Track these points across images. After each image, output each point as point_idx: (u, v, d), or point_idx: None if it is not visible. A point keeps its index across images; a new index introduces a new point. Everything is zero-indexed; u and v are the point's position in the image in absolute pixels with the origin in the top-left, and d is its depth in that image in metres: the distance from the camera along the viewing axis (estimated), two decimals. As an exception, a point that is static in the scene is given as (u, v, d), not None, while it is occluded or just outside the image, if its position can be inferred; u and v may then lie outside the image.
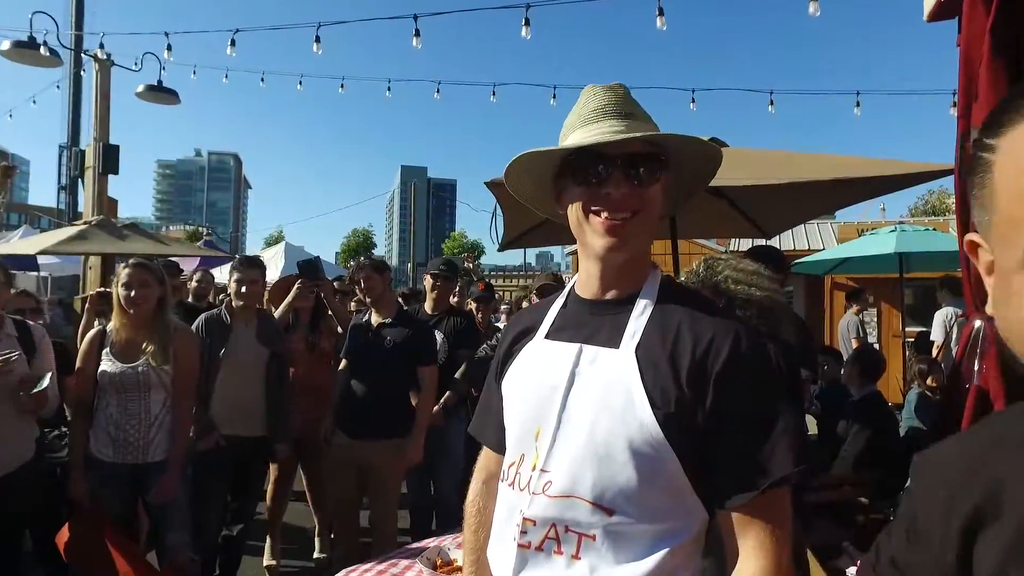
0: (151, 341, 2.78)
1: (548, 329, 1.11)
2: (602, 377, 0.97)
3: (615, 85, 1.07)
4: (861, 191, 3.21)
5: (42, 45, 6.68)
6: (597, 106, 1.04)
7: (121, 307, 2.76)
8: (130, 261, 2.81)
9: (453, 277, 4.22)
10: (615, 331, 1.01)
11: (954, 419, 2.50)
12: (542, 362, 1.07)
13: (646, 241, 1.05)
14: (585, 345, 1.02)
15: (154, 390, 2.78)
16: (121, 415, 2.73)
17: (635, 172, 0.98)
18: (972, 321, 2.53)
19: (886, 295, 9.66)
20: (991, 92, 2.35)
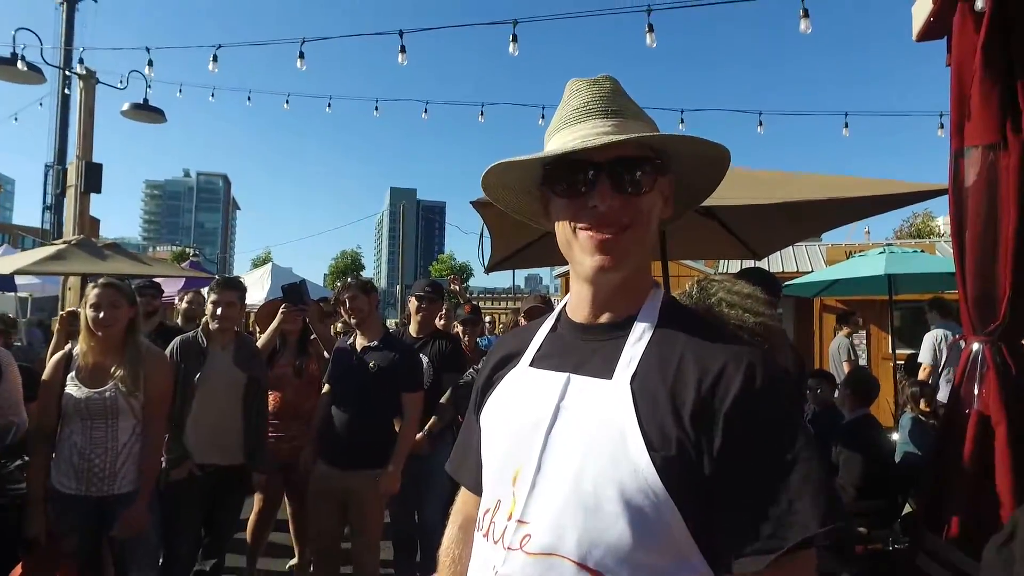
0: (120, 365, 2.64)
1: (533, 356, 0.98)
2: (591, 412, 0.84)
3: (601, 78, 0.94)
4: (854, 211, 3.17)
5: (19, 60, 6.55)
6: (580, 104, 0.91)
7: (89, 329, 2.63)
8: (100, 281, 2.68)
9: (438, 299, 4.13)
10: (608, 359, 0.87)
11: (955, 445, 2.45)
12: (524, 393, 0.94)
13: (642, 257, 0.92)
14: (574, 375, 0.89)
15: (122, 416, 2.64)
16: (86, 444, 2.58)
17: (626, 180, 0.86)
18: (970, 344, 2.49)
19: (874, 317, 9.68)
20: (984, 109, 2.33)
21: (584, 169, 0.86)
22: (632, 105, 0.93)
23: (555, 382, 0.90)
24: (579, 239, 0.88)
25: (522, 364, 0.98)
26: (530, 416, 0.89)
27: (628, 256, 0.88)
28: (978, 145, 2.36)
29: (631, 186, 0.86)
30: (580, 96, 0.92)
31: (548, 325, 1.02)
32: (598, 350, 0.90)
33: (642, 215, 0.88)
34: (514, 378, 0.98)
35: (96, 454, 2.58)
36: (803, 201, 2.71)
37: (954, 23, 2.44)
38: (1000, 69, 2.28)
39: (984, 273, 2.37)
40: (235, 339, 3.42)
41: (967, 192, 2.40)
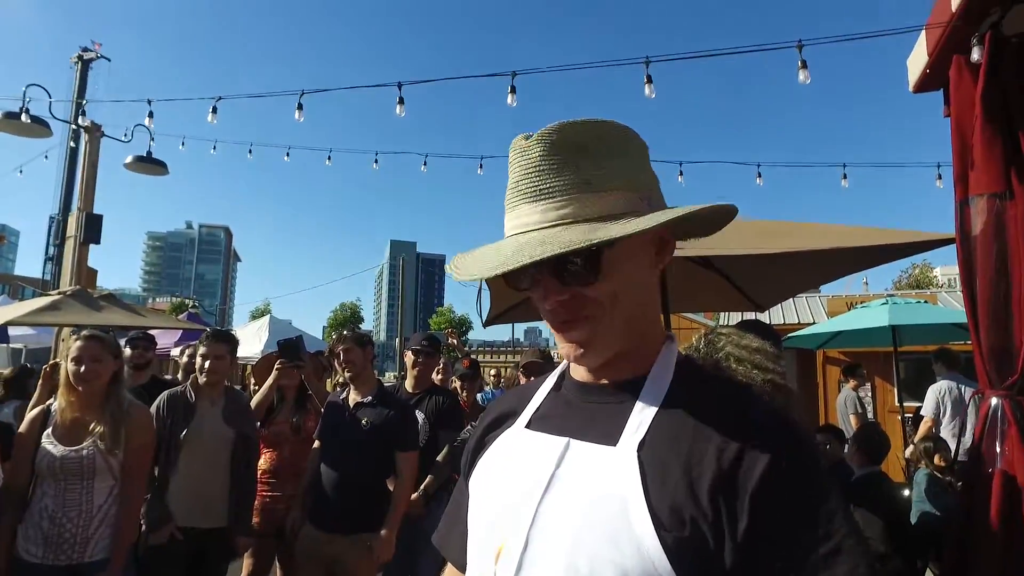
0: (101, 421, 2.51)
1: (531, 416, 0.88)
2: (590, 483, 0.73)
3: (531, 143, 0.77)
4: (860, 261, 3.12)
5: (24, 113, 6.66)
6: (511, 183, 0.79)
7: (69, 384, 2.52)
8: (82, 333, 2.58)
9: (435, 353, 4.03)
10: (614, 424, 0.76)
11: (979, 507, 2.32)
12: (517, 458, 0.83)
13: (625, 332, 0.79)
14: (574, 440, 0.78)
15: (99, 477, 2.50)
16: (58, 507, 2.43)
17: (571, 271, 0.74)
18: (988, 399, 2.39)
19: (879, 369, 9.53)
20: (987, 159, 2.31)
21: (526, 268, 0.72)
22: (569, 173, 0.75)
23: (552, 447, 0.79)
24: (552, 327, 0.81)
25: (518, 425, 0.88)
26: (521, 484, 0.78)
27: (600, 344, 0.78)
28: (983, 194, 2.34)
29: (578, 278, 0.75)
30: (512, 169, 0.79)
31: (550, 383, 0.92)
32: (602, 413, 0.80)
33: (600, 302, 0.76)
34: (507, 440, 0.88)
35: (68, 518, 2.41)
36: (809, 251, 2.66)
37: (951, 75, 2.46)
38: (1001, 119, 2.28)
39: (998, 324, 2.31)
40: (225, 394, 3.31)
41: (975, 241, 2.36)
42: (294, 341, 3.93)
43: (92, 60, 13.07)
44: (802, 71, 3.10)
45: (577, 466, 0.75)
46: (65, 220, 8.90)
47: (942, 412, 5.94)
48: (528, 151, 0.77)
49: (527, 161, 0.76)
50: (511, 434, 0.88)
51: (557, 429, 0.82)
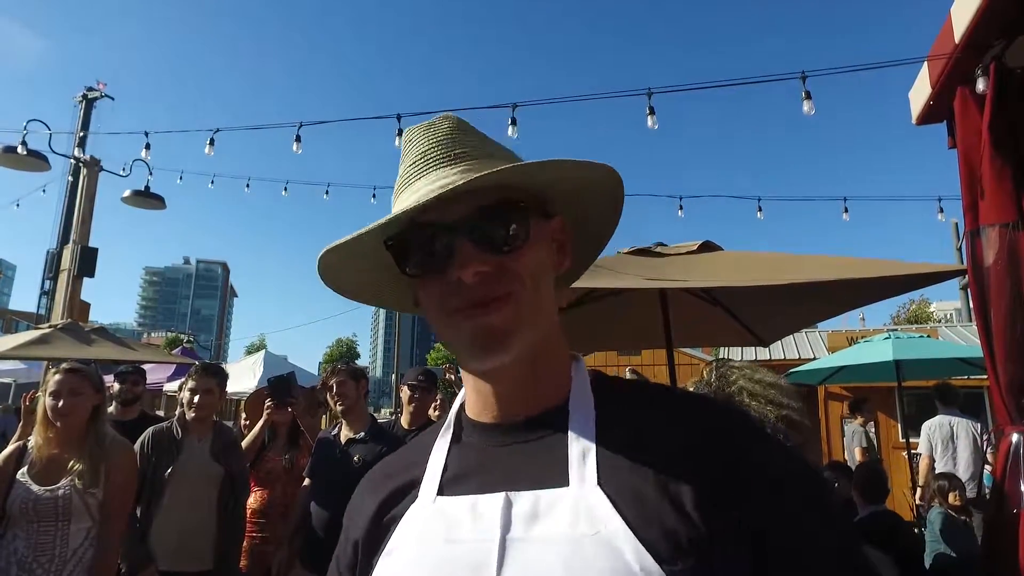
0: (80, 459, 2.39)
1: (439, 481, 0.71)
2: (560, 534, 0.60)
3: (439, 119, 0.74)
4: (866, 294, 3.06)
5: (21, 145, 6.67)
6: (417, 155, 0.72)
7: (46, 419, 2.39)
8: (62, 366, 2.47)
9: (432, 388, 3.93)
10: (550, 463, 0.66)
11: (1005, 550, 2.21)
12: (444, 533, 0.66)
13: (543, 329, 0.70)
14: (513, 492, 0.65)
15: (76, 518, 2.35)
16: (28, 551, 2.27)
17: (491, 235, 0.66)
18: (1008, 435, 2.30)
19: (881, 405, 9.42)
20: (997, 188, 2.27)
21: (436, 235, 0.66)
22: (485, 143, 0.74)
23: (488, 508, 0.65)
24: (456, 329, 0.68)
25: (424, 497, 0.71)
26: (458, 560, 0.63)
27: (518, 333, 0.66)
28: (994, 224, 2.30)
29: (500, 242, 0.66)
30: (416, 146, 0.73)
31: (444, 438, 0.76)
32: (532, 453, 0.68)
33: (523, 277, 0.67)
34: (418, 518, 0.69)
35: (39, 563, 2.26)
36: (816, 283, 2.60)
37: (955, 106, 2.44)
38: (1009, 148, 2.25)
39: (1015, 358, 2.24)
40: (213, 429, 3.19)
41: (987, 272, 2.32)
42: (285, 379, 3.83)
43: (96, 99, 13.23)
44: (806, 102, 3.10)
45: (532, 521, 0.62)
46: (58, 253, 8.84)
47: (934, 449, 5.93)
48: (436, 126, 0.73)
49: (436, 133, 0.72)
50: (419, 510, 0.70)
51: (483, 486, 0.67)
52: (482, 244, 0.66)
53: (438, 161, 0.70)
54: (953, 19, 2.32)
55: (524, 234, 0.68)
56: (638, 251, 3.31)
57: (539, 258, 0.70)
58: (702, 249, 3.29)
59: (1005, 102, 2.25)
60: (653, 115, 3.33)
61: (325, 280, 0.76)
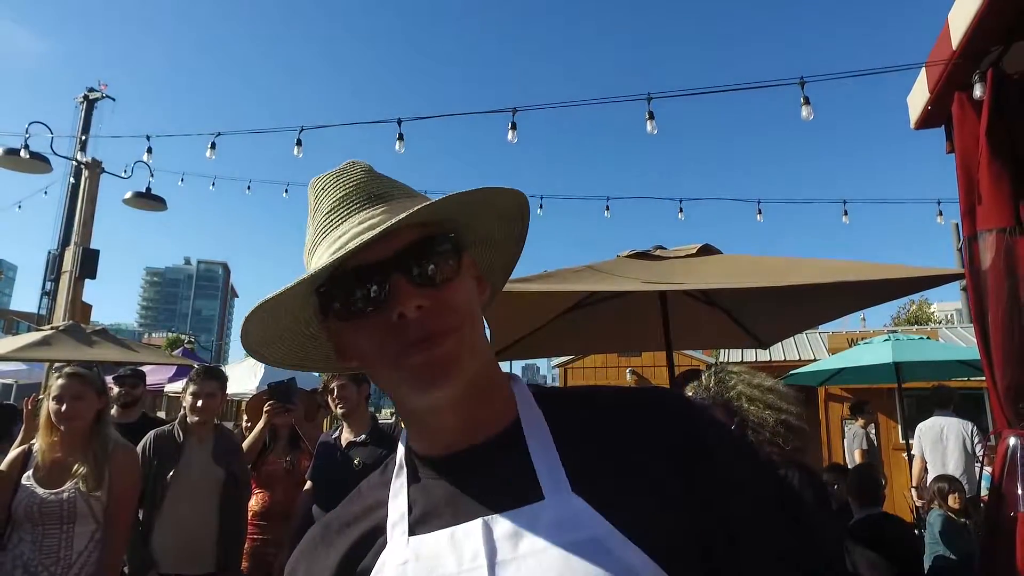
0: (84, 462, 2.40)
1: (408, 522, 0.70)
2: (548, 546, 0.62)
3: (346, 165, 0.76)
4: (864, 297, 3.08)
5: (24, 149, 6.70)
6: (335, 201, 0.72)
7: (50, 423, 2.41)
8: (64, 370, 2.49)
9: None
10: (518, 480, 0.67)
11: (1003, 553, 2.22)
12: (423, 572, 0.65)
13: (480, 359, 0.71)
14: (490, 516, 0.65)
15: (80, 521, 2.37)
16: (34, 554, 2.29)
17: (426, 269, 0.67)
18: (1006, 439, 2.31)
19: (882, 406, 9.42)
20: (995, 194, 2.28)
21: (369, 275, 0.66)
22: (395, 185, 0.75)
23: (468, 537, 0.65)
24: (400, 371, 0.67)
25: (395, 540, 0.69)
26: None
27: (465, 364, 0.67)
28: (992, 229, 2.31)
29: (433, 276, 0.67)
30: (332, 193, 0.73)
31: (400, 479, 0.75)
32: (495, 476, 0.69)
33: (460, 310, 0.68)
34: (394, 562, 0.67)
35: (44, 566, 2.27)
36: (815, 286, 2.61)
37: (953, 111, 2.45)
38: (1006, 154, 2.26)
39: (1013, 361, 2.25)
40: (214, 432, 3.21)
41: (985, 276, 2.33)
42: (286, 384, 3.85)
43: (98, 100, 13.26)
44: (804, 107, 3.12)
45: (516, 540, 0.63)
46: (60, 255, 8.86)
47: (924, 450, 5.98)
48: (349, 171, 0.74)
49: (351, 178, 0.73)
50: (394, 554, 0.68)
51: (456, 517, 0.67)
52: (417, 279, 0.66)
53: (360, 204, 0.70)
54: (951, 25, 2.33)
55: (456, 267, 0.69)
56: (638, 254, 3.33)
57: (467, 290, 0.71)
58: (701, 252, 3.31)
59: (1002, 108, 2.26)
60: (652, 120, 3.35)
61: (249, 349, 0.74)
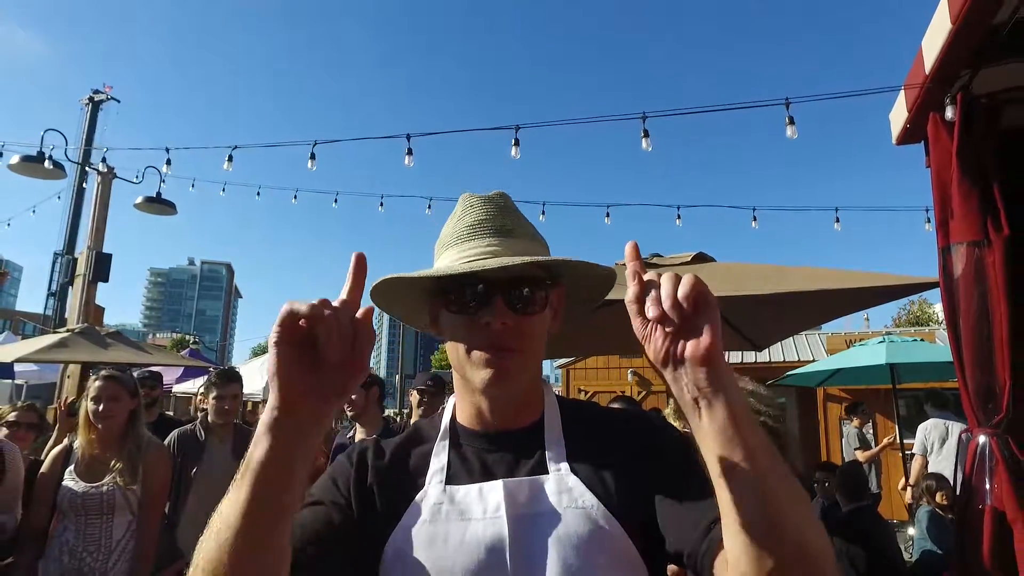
0: (120, 458, 2.60)
1: (445, 474, 0.91)
2: (551, 508, 0.85)
3: (495, 195, 0.97)
4: (850, 303, 3.24)
5: (47, 159, 6.90)
6: (474, 221, 0.93)
7: (89, 422, 2.61)
8: (101, 373, 2.68)
9: (440, 392, 4.12)
10: (533, 459, 0.91)
11: (973, 543, 2.38)
12: (454, 515, 0.86)
13: (532, 375, 0.95)
14: (510, 480, 0.88)
15: (119, 512, 2.56)
16: (78, 541, 2.49)
17: (519, 299, 0.87)
18: (976, 437, 2.47)
19: (880, 406, 9.56)
20: (965, 209, 2.44)
21: (480, 286, 0.87)
22: (524, 224, 0.96)
23: (491, 493, 0.87)
24: (472, 359, 0.88)
25: (433, 487, 0.90)
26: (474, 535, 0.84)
27: (518, 378, 0.90)
28: (963, 242, 2.45)
29: (524, 305, 0.88)
30: (475, 213, 0.94)
31: (442, 442, 0.96)
32: (517, 453, 0.92)
33: (532, 338, 0.90)
34: (431, 503, 0.88)
35: (88, 552, 2.47)
36: (800, 292, 2.78)
37: (928, 130, 2.60)
38: (975, 172, 2.41)
39: (982, 365, 2.39)
40: (234, 431, 3.39)
41: (957, 285, 2.46)
42: None
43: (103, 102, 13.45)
44: (789, 127, 3.28)
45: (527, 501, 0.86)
46: (74, 259, 9.05)
47: (929, 450, 6.07)
48: (495, 199, 0.95)
49: (493, 207, 0.94)
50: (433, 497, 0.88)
51: (484, 477, 0.90)
52: (511, 303, 0.87)
53: (490, 231, 0.92)
54: (924, 51, 2.47)
55: (541, 303, 0.91)
56: (635, 262, 3.50)
57: (544, 323, 0.93)
58: (696, 260, 3.47)
59: (971, 129, 2.42)
60: (647, 137, 3.52)
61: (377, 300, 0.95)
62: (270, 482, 0.63)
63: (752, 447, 0.64)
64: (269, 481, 0.63)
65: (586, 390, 11.56)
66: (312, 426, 0.65)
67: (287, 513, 0.65)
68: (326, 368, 0.64)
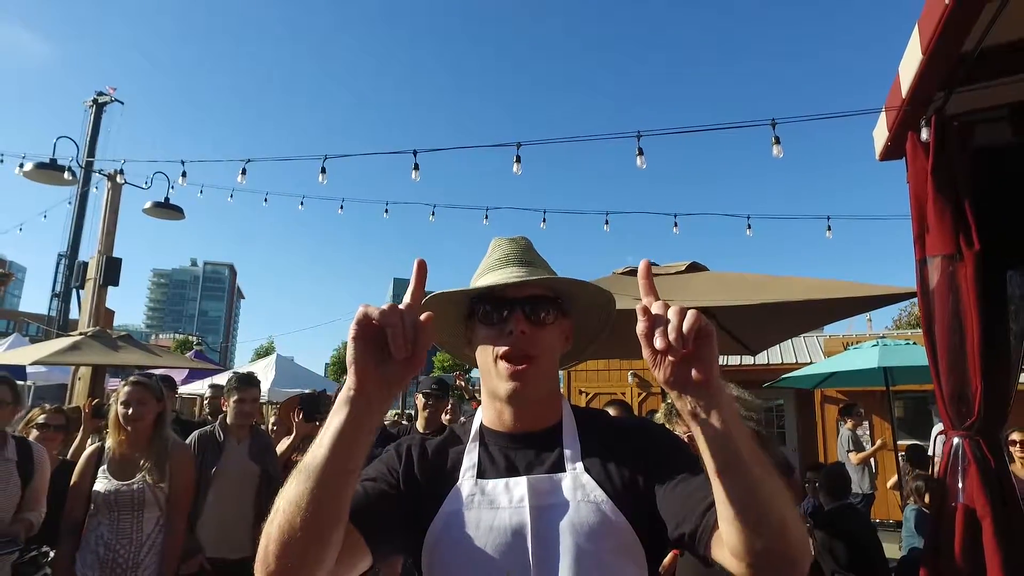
0: (148, 458, 2.78)
1: (476, 469, 1.08)
2: (566, 502, 1.00)
3: (518, 237, 1.20)
4: (835, 311, 3.40)
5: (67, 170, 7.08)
6: (501, 255, 1.15)
7: (119, 424, 2.79)
8: (130, 379, 2.87)
9: (444, 396, 4.29)
10: (552, 459, 1.06)
11: (946, 538, 2.52)
12: (484, 504, 1.02)
13: (548, 384, 1.11)
14: (532, 477, 1.04)
15: (148, 508, 2.75)
16: (112, 535, 2.67)
17: (534, 312, 1.06)
18: (951, 439, 2.62)
19: (876, 408, 9.67)
20: (939, 224, 2.60)
21: (504, 302, 1.07)
22: (541, 260, 1.19)
23: (516, 486, 1.03)
24: (498, 368, 1.05)
25: (466, 480, 1.06)
26: (500, 522, 1.00)
27: (534, 383, 1.06)
28: (938, 255, 2.59)
29: (538, 317, 1.07)
30: (502, 249, 1.18)
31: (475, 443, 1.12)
32: (538, 452, 1.08)
33: (545, 346, 1.07)
34: (464, 494, 1.04)
35: (121, 544, 2.66)
36: (786, 302, 2.93)
37: (907, 149, 2.74)
38: (949, 190, 2.54)
39: (956, 372, 2.50)
40: (251, 432, 3.57)
41: (932, 296, 2.59)
42: (315, 396, 4.16)
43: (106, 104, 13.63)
44: (775, 146, 3.43)
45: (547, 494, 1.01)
46: (85, 263, 9.22)
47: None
48: (519, 241, 1.20)
49: (517, 246, 1.18)
50: (466, 486, 1.05)
51: (509, 473, 1.06)
52: (528, 316, 1.06)
53: (515, 262, 1.14)
54: (901, 76, 2.61)
55: (552, 318, 1.09)
56: (631, 271, 3.66)
57: (555, 336, 1.10)
58: (689, 269, 3.64)
59: (945, 148, 2.57)
60: (642, 155, 3.69)
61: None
62: (344, 442, 0.80)
63: (742, 450, 0.79)
64: (343, 441, 0.80)
65: (587, 391, 11.72)
66: (378, 404, 0.82)
67: (353, 474, 0.84)
68: (391, 361, 0.80)
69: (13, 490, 2.61)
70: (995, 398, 2.46)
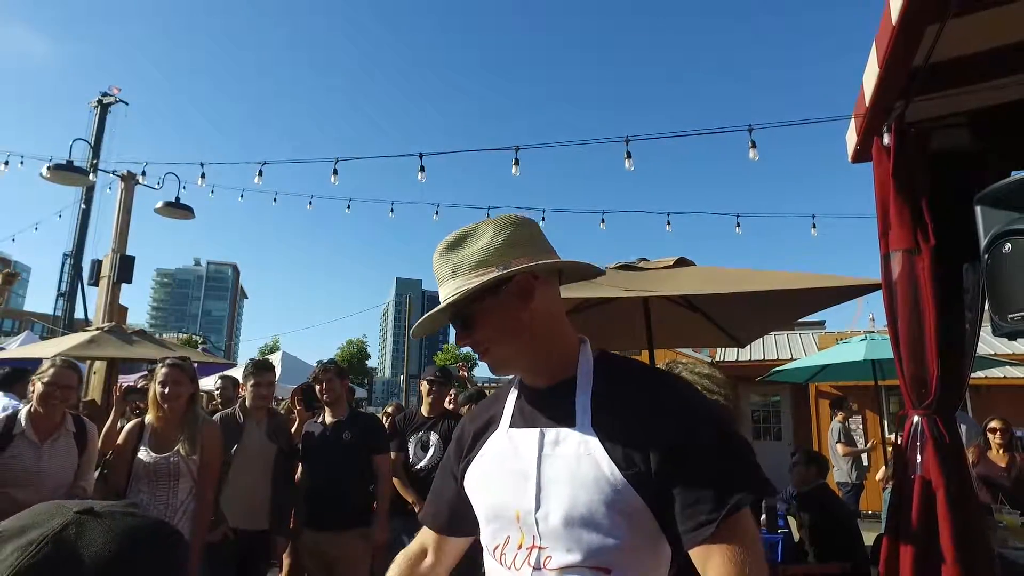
0: (182, 432, 3.05)
1: (510, 420, 1.18)
2: (569, 453, 1.04)
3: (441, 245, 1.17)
4: (810, 303, 3.64)
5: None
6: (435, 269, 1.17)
7: (156, 402, 3.07)
8: (167, 361, 3.14)
9: (447, 383, 4.62)
10: (566, 412, 1.09)
11: (905, 508, 2.76)
12: (510, 451, 1.13)
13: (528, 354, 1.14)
14: (545, 428, 1.10)
15: (182, 479, 3.02)
16: (151, 502, 2.95)
17: (462, 324, 1.13)
18: (911, 417, 2.86)
19: (868, 402, 9.89)
20: (900, 222, 2.85)
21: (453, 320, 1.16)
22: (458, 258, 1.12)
23: (532, 437, 1.11)
24: None
25: (502, 428, 1.19)
26: (518, 467, 1.10)
27: (507, 362, 1.15)
28: (899, 249, 2.82)
29: (466, 325, 1.13)
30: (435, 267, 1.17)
31: (514, 393, 1.22)
32: (555, 405, 1.12)
33: (487, 337, 1.12)
34: (498, 440, 1.18)
35: (158, 510, 2.93)
36: (761, 292, 3.18)
37: (873, 153, 2.97)
38: (908, 190, 2.76)
39: (915, 357, 2.69)
40: (268, 415, 3.85)
41: (895, 287, 2.80)
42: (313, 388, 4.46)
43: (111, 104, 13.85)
44: (752, 150, 3.68)
45: (556, 445, 1.07)
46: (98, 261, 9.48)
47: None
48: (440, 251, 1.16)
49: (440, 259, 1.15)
50: (499, 436, 1.18)
51: (529, 423, 1.14)
52: (459, 329, 1.15)
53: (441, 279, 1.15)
54: (864, 84, 2.83)
55: (481, 319, 1.12)
56: (624, 266, 3.92)
57: (495, 324, 1.12)
58: (678, 264, 3.89)
59: (903, 153, 2.80)
60: (630, 158, 3.95)
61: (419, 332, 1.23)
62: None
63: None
64: None
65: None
66: None
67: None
68: None
69: (73, 459, 2.88)
70: (951, 380, 2.64)
